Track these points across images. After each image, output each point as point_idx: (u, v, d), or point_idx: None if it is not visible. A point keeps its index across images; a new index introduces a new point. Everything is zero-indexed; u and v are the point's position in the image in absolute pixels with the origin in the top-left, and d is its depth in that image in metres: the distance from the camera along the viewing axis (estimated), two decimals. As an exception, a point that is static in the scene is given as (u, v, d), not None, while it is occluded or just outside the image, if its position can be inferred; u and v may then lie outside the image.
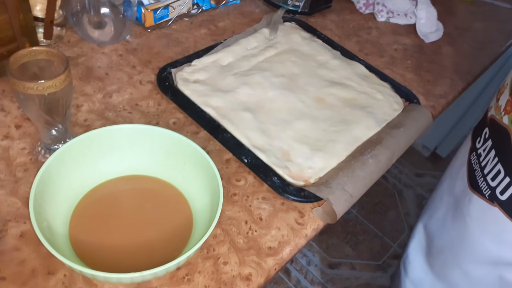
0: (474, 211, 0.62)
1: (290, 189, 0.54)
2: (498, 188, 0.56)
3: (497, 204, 0.57)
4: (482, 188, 0.60)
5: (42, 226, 0.39)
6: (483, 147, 0.61)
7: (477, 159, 0.63)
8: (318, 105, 0.65)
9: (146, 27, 0.74)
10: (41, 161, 0.51)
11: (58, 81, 0.44)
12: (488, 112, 0.63)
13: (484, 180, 0.59)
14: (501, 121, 0.57)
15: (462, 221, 0.65)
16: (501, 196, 0.56)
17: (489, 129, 0.61)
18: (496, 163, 0.57)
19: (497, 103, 0.60)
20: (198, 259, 0.46)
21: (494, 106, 0.62)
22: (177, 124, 0.60)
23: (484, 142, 0.62)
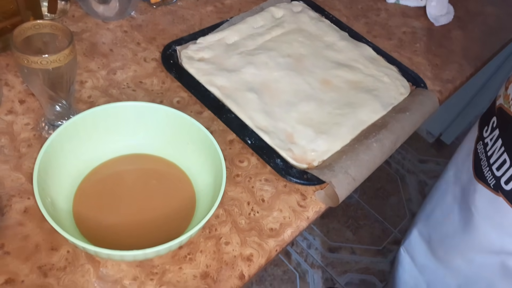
0: (479, 201, 0.62)
1: (293, 171, 0.53)
2: (503, 177, 0.56)
3: (501, 194, 0.56)
4: (487, 177, 0.59)
5: (45, 202, 0.39)
6: (490, 136, 0.61)
7: (483, 148, 0.62)
8: (323, 87, 0.64)
9: (151, 3, 0.72)
10: (45, 136, 0.51)
11: (63, 56, 0.43)
12: (497, 101, 0.62)
13: (490, 170, 0.59)
14: (509, 111, 0.57)
15: (467, 210, 0.65)
16: (505, 186, 0.56)
17: (497, 118, 0.60)
18: (503, 152, 0.57)
19: (506, 92, 0.59)
20: (200, 239, 0.46)
21: (503, 95, 0.61)
22: (181, 103, 0.59)
23: (492, 131, 0.61)
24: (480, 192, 0.62)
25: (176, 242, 0.38)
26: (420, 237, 0.84)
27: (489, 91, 1.62)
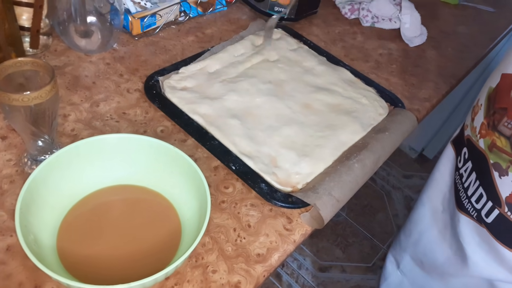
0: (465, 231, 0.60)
1: (278, 195, 0.54)
2: (483, 211, 0.55)
3: (484, 226, 0.55)
4: (469, 209, 0.58)
5: (28, 239, 0.38)
6: (464, 168, 0.59)
7: (460, 179, 0.61)
8: (304, 111, 0.66)
9: (133, 35, 0.74)
10: (28, 172, 0.51)
11: (44, 92, 0.44)
12: (465, 130, 0.61)
13: (469, 202, 0.57)
14: (477, 144, 0.55)
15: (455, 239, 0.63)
16: (486, 218, 0.54)
17: (467, 149, 0.59)
18: (478, 186, 0.55)
19: (472, 123, 0.58)
20: (187, 268, 0.46)
21: (469, 125, 0.59)
22: (165, 132, 0.60)
23: (465, 162, 0.60)
24: (463, 222, 0.60)
25: (162, 273, 0.38)
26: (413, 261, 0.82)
27: (467, 105, 1.67)
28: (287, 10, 0.83)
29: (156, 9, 0.74)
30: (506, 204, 0.50)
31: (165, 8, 0.75)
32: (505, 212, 0.50)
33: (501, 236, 0.53)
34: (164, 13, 0.76)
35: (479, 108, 0.56)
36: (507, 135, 0.49)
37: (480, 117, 0.55)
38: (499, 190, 0.50)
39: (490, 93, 0.53)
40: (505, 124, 0.49)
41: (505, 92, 0.50)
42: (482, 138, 0.53)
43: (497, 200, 0.51)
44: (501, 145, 0.50)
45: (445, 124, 1.76)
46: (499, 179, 0.50)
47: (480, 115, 0.55)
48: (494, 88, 0.52)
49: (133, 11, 0.73)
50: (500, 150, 0.50)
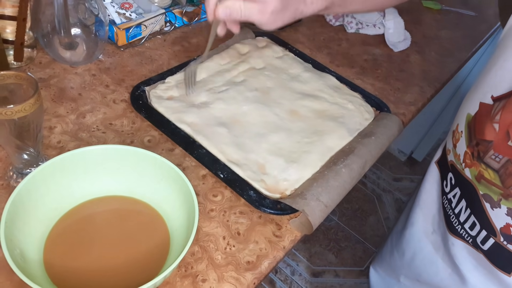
0: (460, 254, 0.56)
1: (266, 202, 0.54)
2: (478, 238, 0.51)
3: (481, 253, 0.51)
4: (463, 235, 0.54)
5: (14, 253, 0.38)
6: (452, 193, 0.55)
7: (449, 204, 0.56)
8: (291, 118, 0.66)
9: (119, 46, 0.74)
10: (13, 185, 0.50)
11: (28, 105, 0.43)
12: (447, 155, 0.57)
13: (463, 228, 0.53)
14: (463, 173, 0.51)
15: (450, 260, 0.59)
16: (482, 246, 0.51)
17: (453, 175, 0.55)
18: (470, 214, 0.52)
19: (455, 150, 0.54)
20: (176, 278, 0.46)
21: (452, 151, 0.55)
22: (152, 141, 0.60)
23: (452, 188, 0.55)
24: (458, 246, 0.55)
25: (151, 284, 0.38)
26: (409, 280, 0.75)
27: (453, 106, 1.70)
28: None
29: (141, 19, 0.75)
30: (501, 234, 0.47)
31: (150, 19, 0.76)
32: (501, 241, 0.47)
33: (499, 262, 0.50)
34: (150, 24, 0.76)
35: (460, 135, 0.53)
36: (494, 168, 0.46)
37: (462, 145, 0.52)
38: (492, 221, 0.48)
39: (469, 121, 0.51)
40: (492, 158, 0.46)
41: (485, 123, 0.47)
42: (467, 168, 0.50)
43: (492, 230, 0.48)
44: (489, 177, 0.47)
45: (432, 127, 1.78)
46: (491, 210, 0.47)
47: (462, 143, 0.52)
48: (473, 117, 0.49)
49: (118, 22, 0.73)
50: (489, 183, 0.47)
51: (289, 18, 0.52)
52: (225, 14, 0.50)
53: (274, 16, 0.50)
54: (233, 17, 0.50)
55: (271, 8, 0.49)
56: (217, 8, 0.50)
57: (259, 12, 0.50)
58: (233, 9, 0.49)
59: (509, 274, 0.49)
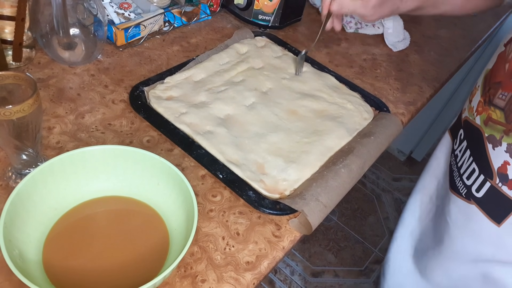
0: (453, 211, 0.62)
1: (265, 202, 0.54)
2: (474, 186, 0.57)
3: (474, 202, 0.57)
4: (459, 187, 0.60)
5: (13, 254, 0.38)
6: (459, 148, 0.61)
7: (454, 160, 0.63)
8: (290, 117, 0.66)
9: (117, 46, 0.74)
10: (12, 186, 0.50)
11: (27, 106, 0.43)
12: (462, 114, 0.64)
13: (461, 180, 0.59)
14: (474, 122, 0.58)
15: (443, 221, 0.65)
16: (477, 193, 0.56)
17: (463, 130, 0.61)
18: (471, 162, 0.57)
19: (470, 104, 0.61)
20: (176, 279, 0.46)
21: (467, 107, 0.62)
22: (151, 142, 0.60)
23: (460, 143, 0.61)
24: (453, 202, 0.62)
25: (150, 284, 0.38)
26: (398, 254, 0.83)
27: (453, 106, 1.70)
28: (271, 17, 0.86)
29: (140, 19, 0.75)
30: (497, 175, 0.52)
31: (149, 19, 0.76)
32: (496, 183, 0.52)
33: (491, 211, 0.55)
34: (148, 24, 0.76)
35: (476, 90, 0.59)
36: (501, 106, 0.52)
37: (477, 97, 0.58)
38: (492, 162, 0.53)
39: (486, 74, 0.57)
40: (499, 97, 0.52)
41: (499, 68, 0.54)
42: (478, 115, 0.56)
43: (489, 172, 0.53)
44: (496, 117, 0.52)
45: (432, 127, 1.78)
46: (492, 151, 0.53)
47: (477, 95, 0.58)
48: (490, 69, 0.56)
49: (117, 22, 0.73)
50: (495, 122, 0.52)
51: (388, 12, 0.67)
52: (337, 8, 0.66)
53: (374, 10, 0.65)
54: (343, 10, 0.66)
55: (373, 3, 0.64)
56: (332, 3, 0.66)
57: (362, 6, 0.65)
58: (344, 4, 0.65)
59: (498, 224, 0.53)
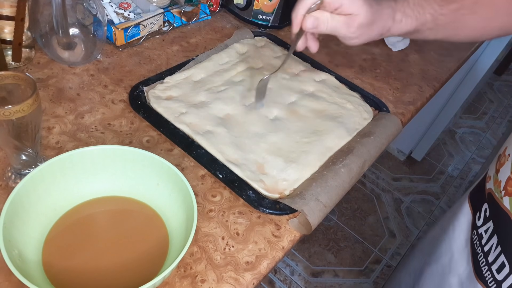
0: None
1: (265, 202, 0.54)
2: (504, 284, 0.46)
3: None
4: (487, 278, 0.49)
5: (12, 254, 0.38)
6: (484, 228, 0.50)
7: (478, 240, 0.51)
8: (290, 117, 0.66)
9: (117, 46, 0.74)
10: (12, 186, 0.50)
11: (26, 106, 0.43)
12: (486, 182, 0.52)
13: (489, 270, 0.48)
14: (501, 202, 0.47)
15: None
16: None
17: (488, 206, 0.50)
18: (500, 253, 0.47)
19: (497, 176, 0.49)
20: (175, 279, 0.46)
21: (493, 177, 0.50)
22: (150, 142, 0.60)
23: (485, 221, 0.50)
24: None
25: (150, 284, 0.38)
26: None
27: (452, 106, 1.70)
28: (270, 17, 0.82)
29: (139, 19, 0.75)
30: None
31: (148, 19, 0.76)
32: None
33: None
34: (148, 23, 0.76)
35: (506, 159, 0.48)
36: None
37: (506, 170, 0.47)
38: None
39: None
40: None
41: None
42: (507, 196, 0.46)
43: None
44: None
45: (432, 126, 1.78)
46: None
47: (507, 167, 0.47)
48: None
49: (116, 22, 0.73)
50: None
51: (376, 34, 0.51)
52: (312, 25, 0.49)
53: (361, 31, 0.50)
54: (319, 28, 0.50)
55: (359, 22, 0.48)
56: (305, 19, 0.49)
57: (346, 24, 0.49)
58: (320, 20, 0.49)
59: None
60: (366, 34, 0.50)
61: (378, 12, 0.49)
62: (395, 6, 0.50)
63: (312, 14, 0.48)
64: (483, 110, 2.33)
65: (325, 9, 0.48)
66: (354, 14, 0.48)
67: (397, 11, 0.50)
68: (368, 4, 0.48)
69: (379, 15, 0.49)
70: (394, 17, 0.50)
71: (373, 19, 0.48)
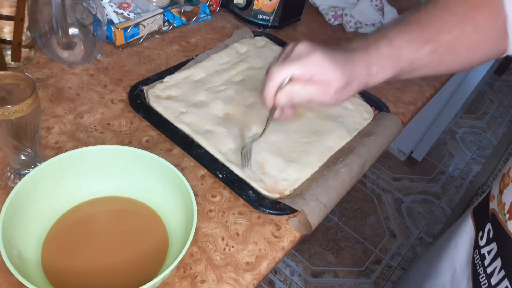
0: None
1: (265, 202, 0.54)
2: None
3: None
4: None
5: (11, 254, 0.38)
6: (487, 248, 0.50)
7: (481, 260, 0.50)
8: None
9: (117, 46, 0.74)
10: (11, 186, 0.50)
11: (25, 105, 0.43)
12: (490, 201, 0.51)
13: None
14: (505, 226, 0.46)
15: None
16: None
17: (492, 227, 0.49)
18: (503, 277, 0.46)
19: (501, 197, 0.48)
20: (175, 279, 0.46)
21: (496, 197, 0.50)
22: (150, 142, 0.60)
23: (488, 242, 0.50)
24: None
25: (149, 285, 0.37)
26: None
27: (453, 105, 1.69)
28: (270, 17, 0.82)
29: (139, 19, 0.74)
30: None
31: (148, 18, 0.75)
32: None
33: None
34: (148, 23, 0.76)
35: (510, 180, 0.47)
36: None
37: (510, 193, 0.46)
38: None
39: None
40: None
41: None
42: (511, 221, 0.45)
43: None
44: None
45: (432, 126, 1.78)
46: None
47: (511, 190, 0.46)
48: None
49: (116, 22, 0.73)
50: None
51: (355, 91, 0.49)
52: (286, 101, 0.47)
53: (338, 95, 0.47)
54: (294, 101, 0.48)
55: (335, 88, 0.46)
56: (277, 95, 0.47)
57: (322, 93, 0.47)
58: (294, 94, 0.47)
59: None
60: (344, 95, 0.48)
61: (352, 72, 0.46)
62: (369, 59, 0.47)
63: (284, 90, 0.46)
64: (483, 110, 2.33)
65: (296, 82, 0.46)
66: (328, 81, 0.46)
67: (373, 65, 0.48)
68: (340, 67, 0.45)
69: (354, 75, 0.47)
70: (370, 71, 0.48)
71: (348, 81, 0.46)
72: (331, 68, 0.45)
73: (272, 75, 0.46)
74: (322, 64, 0.45)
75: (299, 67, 0.45)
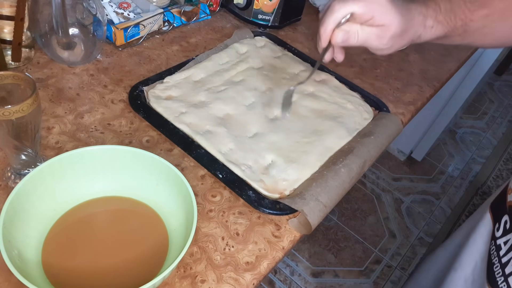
0: None
1: (265, 202, 0.54)
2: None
3: None
4: None
5: (12, 254, 0.38)
6: (504, 239, 0.50)
7: (496, 251, 0.51)
8: (290, 117, 0.66)
9: (117, 46, 0.74)
10: (11, 186, 0.50)
11: (26, 105, 0.43)
12: (508, 194, 0.52)
13: (505, 281, 0.48)
14: None
15: None
16: None
17: (509, 219, 0.50)
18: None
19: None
20: (175, 279, 0.46)
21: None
22: (150, 142, 0.60)
23: (505, 233, 0.51)
24: None
25: (149, 285, 0.38)
26: None
27: (453, 105, 1.69)
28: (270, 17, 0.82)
29: (139, 19, 0.74)
30: None
31: (148, 18, 0.75)
32: None
33: None
34: (148, 23, 0.76)
35: None
36: None
37: None
38: None
39: None
40: None
41: None
42: None
43: None
44: None
45: (432, 126, 1.78)
46: None
47: None
48: None
49: (116, 22, 0.73)
50: None
51: (407, 42, 0.49)
52: (342, 40, 0.47)
53: (393, 41, 0.47)
54: (349, 42, 0.47)
55: (391, 33, 0.46)
56: (335, 33, 0.46)
57: (378, 37, 0.47)
58: (351, 34, 0.46)
59: None
60: (398, 44, 0.48)
61: (410, 20, 0.47)
62: (427, 13, 0.48)
63: (342, 28, 0.46)
64: (483, 110, 2.33)
65: (354, 21, 0.46)
66: (386, 25, 0.46)
67: (429, 18, 0.49)
68: (400, 13, 0.46)
69: (411, 23, 0.47)
70: (425, 23, 0.49)
71: (405, 28, 0.47)
72: (392, 12, 0.45)
73: (333, 9, 0.45)
74: (385, 6, 0.45)
75: (362, 5, 0.44)
